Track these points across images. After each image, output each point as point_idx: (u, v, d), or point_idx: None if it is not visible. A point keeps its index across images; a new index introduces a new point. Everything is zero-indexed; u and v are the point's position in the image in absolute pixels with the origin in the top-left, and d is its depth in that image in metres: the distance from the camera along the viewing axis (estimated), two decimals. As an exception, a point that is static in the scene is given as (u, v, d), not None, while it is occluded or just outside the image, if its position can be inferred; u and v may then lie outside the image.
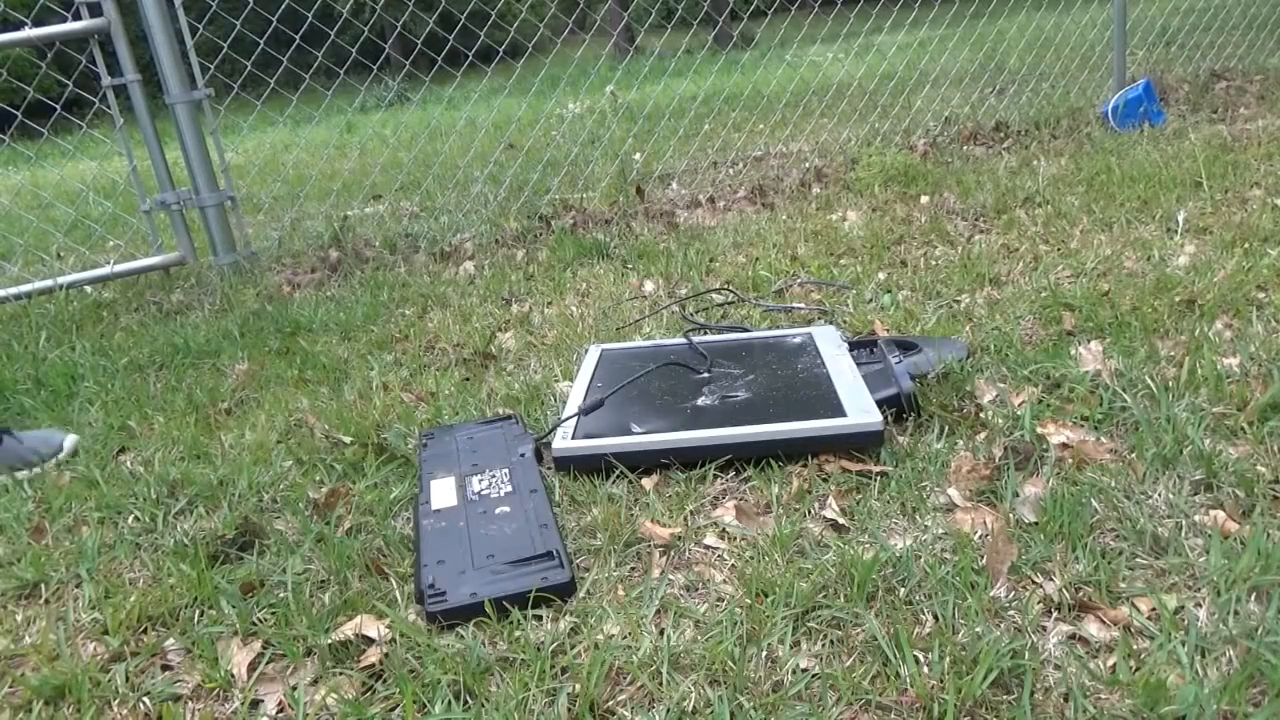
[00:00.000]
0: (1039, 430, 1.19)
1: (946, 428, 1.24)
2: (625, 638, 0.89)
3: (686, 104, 4.47)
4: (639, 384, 1.36)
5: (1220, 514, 0.99)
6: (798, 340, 1.49)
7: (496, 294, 2.13)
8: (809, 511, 1.08)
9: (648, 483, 1.17)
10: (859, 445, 1.17)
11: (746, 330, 1.73)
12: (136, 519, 1.15)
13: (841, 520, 1.05)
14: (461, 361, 1.70)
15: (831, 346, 1.41)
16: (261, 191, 3.97)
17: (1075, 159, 2.84)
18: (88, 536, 1.17)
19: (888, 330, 1.61)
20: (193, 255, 2.57)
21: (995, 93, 4.02)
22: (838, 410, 1.21)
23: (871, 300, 1.80)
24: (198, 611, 1.00)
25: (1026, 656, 0.81)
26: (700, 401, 1.29)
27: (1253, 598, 0.87)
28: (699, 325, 1.75)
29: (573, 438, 1.22)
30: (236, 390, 1.65)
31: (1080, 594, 0.89)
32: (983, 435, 1.21)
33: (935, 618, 0.88)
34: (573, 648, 0.89)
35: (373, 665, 0.89)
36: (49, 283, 2.41)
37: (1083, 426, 1.21)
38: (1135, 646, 0.82)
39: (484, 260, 2.45)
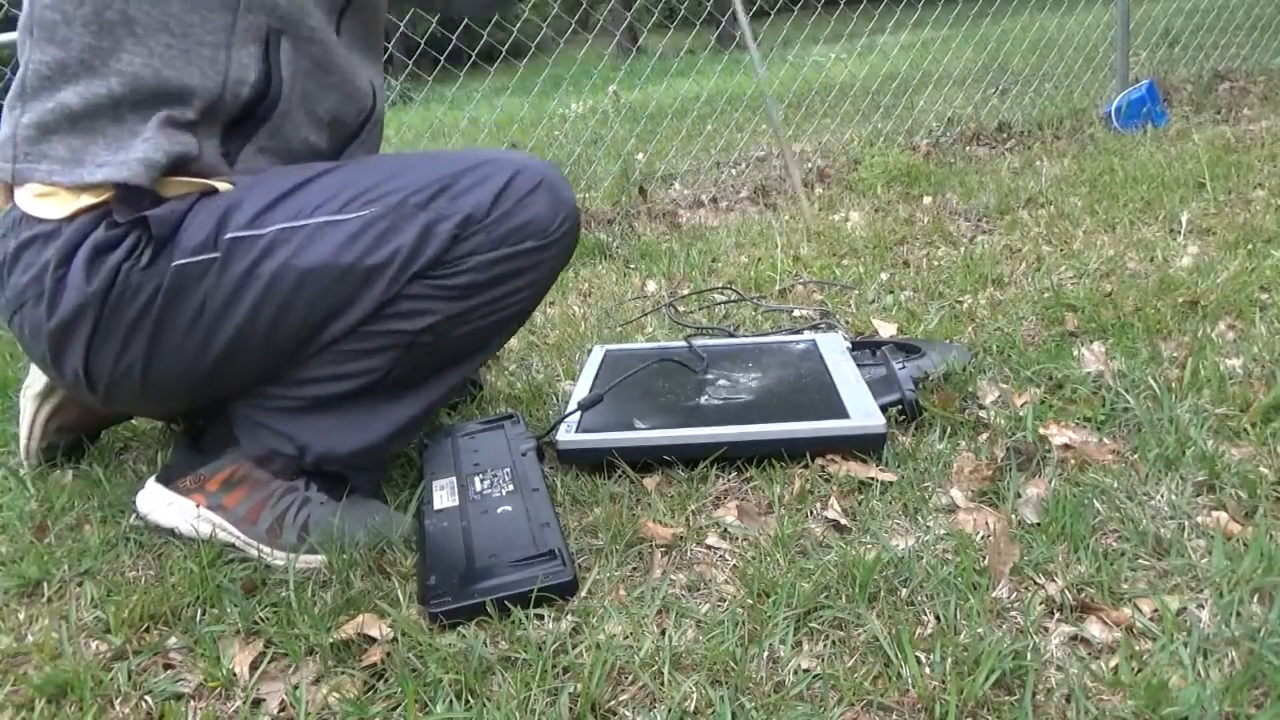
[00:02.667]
0: (1041, 431, 1.19)
1: (949, 428, 1.24)
2: (627, 637, 0.89)
3: (689, 104, 4.47)
4: (642, 383, 1.36)
5: (1223, 515, 0.99)
6: (802, 345, 1.49)
7: (499, 294, 2.13)
8: (811, 512, 1.08)
9: (649, 482, 1.17)
10: (861, 447, 1.17)
11: (734, 334, 1.73)
12: (139, 517, 1.15)
13: (843, 521, 1.05)
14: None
15: (835, 351, 1.41)
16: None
17: (1078, 160, 2.84)
18: (90, 535, 1.17)
19: (890, 333, 1.61)
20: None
21: (998, 93, 4.01)
22: (840, 412, 1.21)
23: (874, 301, 1.79)
24: (200, 610, 1.00)
25: (1028, 657, 0.81)
26: (703, 401, 1.29)
27: (1255, 599, 0.86)
28: (700, 328, 1.75)
29: (576, 431, 1.22)
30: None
31: (1082, 595, 0.89)
32: (985, 436, 1.21)
33: (937, 618, 0.88)
34: (574, 647, 0.89)
35: (375, 664, 0.89)
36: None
37: (1085, 427, 1.20)
38: (1137, 648, 0.82)
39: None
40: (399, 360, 1.04)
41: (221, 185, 1.00)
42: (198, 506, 1.09)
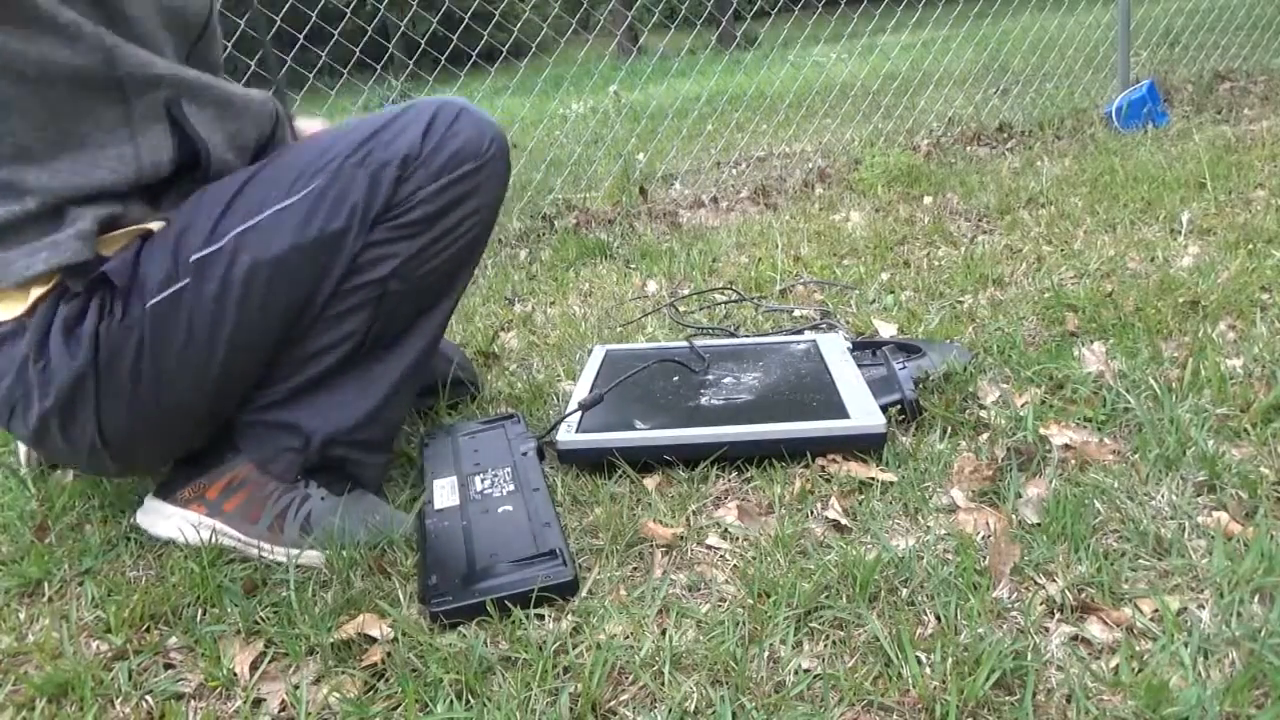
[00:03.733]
0: (1042, 431, 1.19)
1: (949, 428, 1.24)
2: (627, 637, 0.89)
3: (690, 104, 4.47)
4: (643, 383, 1.36)
5: (1223, 515, 0.99)
6: (803, 345, 1.49)
7: (499, 293, 2.13)
8: (811, 512, 1.08)
9: (650, 482, 1.17)
10: (861, 447, 1.17)
11: (735, 334, 1.73)
12: (139, 532, 1.15)
13: (844, 521, 1.05)
14: (464, 361, 1.70)
15: (836, 351, 1.41)
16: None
17: (1079, 160, 2.84)
18: (91, 535, 1.17)
19: (891, 333, 1.61)
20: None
21: (998, 93, 4.01)
22: (841, 412, 1.21)
23: (874, 301, 1.79)
24: (200, 610, 1.00)
25: (1029, 657, 0.81)
26: (704, 401, 1.29)
27: (1255, 599, 0.86)
28: (701, 328, 1.75)
29: (577, 431, 1.22)
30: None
31: (1083, 595, 0.89)
32: (985, 436, 1.21)
33: (937, 618, 0.88)
34: (575, 647, 0.89)
35: (375, 664, 0.89)
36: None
37: (1085, 427, 1.20)
38: (1138, 648, 0.82)
39: (486, 259, 2.46)
40: (375, 316, 1.06)
41: (154, 225, 1.02)
42: (198, 515, 1.09)
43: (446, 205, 1.07)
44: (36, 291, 0.97)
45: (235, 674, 0.90)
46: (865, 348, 1.46)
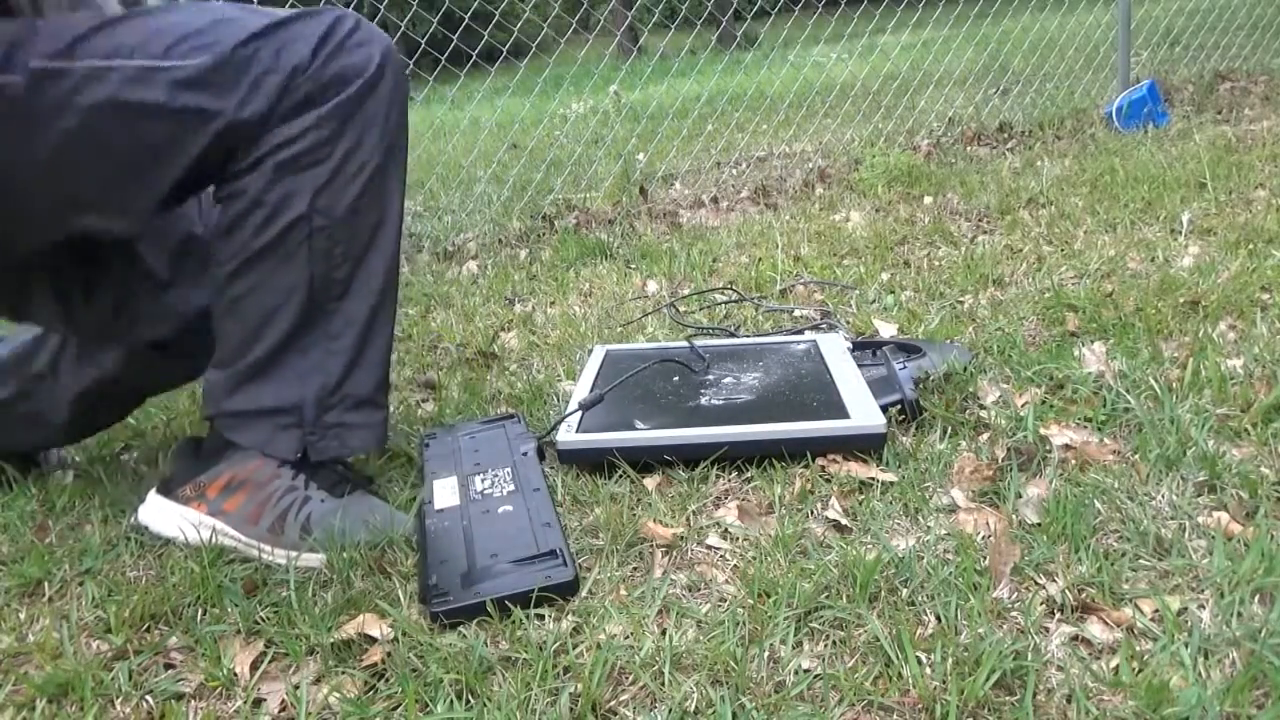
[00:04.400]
0: (1042, 431, 1.19)
1: (949, 429, 1.23)
2: (627, 637, 0.89)
3: (690, 104, 4.47)
4: (644, 383, 1.36)
5: (1224, 516, 0.99)
6: (803, 345, 1.49)
7: (499, 294, 2.13)
8: (811, 512, 1.08)
9: (650, 483, 1.17)
10: (862, 447, 1.17)
11: (735, 334, 1.73)
12: (141, 530, 1.15)
13: (844, 521, 1.05)
14: (464, 361, 1.70)
15: (836, 351, 1.41)
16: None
17: (1079, 160, 2.84)
18: (91, 535, 1.17)
19: (891, 334, 1.61)
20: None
21: (999, 93, 4.01)
22: (841, 412, 1.21)
23: (875, 301, 1.79)
24: (201, 610, 1.00)
25: (1029, 658, 0.81)
26: (704, 401, 1.29)
27: (1256, 600, 0.86)
28: (701, 328, 1.75)
29: (577, 431, 1.22)
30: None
31: (1083, 595, 0.89)
32: (985, 436, 1.21)
33: (938, 618, 0.88)
34: (575, 647, 0.89)
35: (375, 664, 0.89)
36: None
37: (1086, 427, 1.20)
38: (1138, 648, 0.82)
39: (487, 260, 2.46)
40: (311, 260, 1.04)
41: None
42: (199, 514, 1.09)
43: (340, 126, 1.03)
44: None
45: (235, 674, 0.90)
46: (865, 348, 1.46)
